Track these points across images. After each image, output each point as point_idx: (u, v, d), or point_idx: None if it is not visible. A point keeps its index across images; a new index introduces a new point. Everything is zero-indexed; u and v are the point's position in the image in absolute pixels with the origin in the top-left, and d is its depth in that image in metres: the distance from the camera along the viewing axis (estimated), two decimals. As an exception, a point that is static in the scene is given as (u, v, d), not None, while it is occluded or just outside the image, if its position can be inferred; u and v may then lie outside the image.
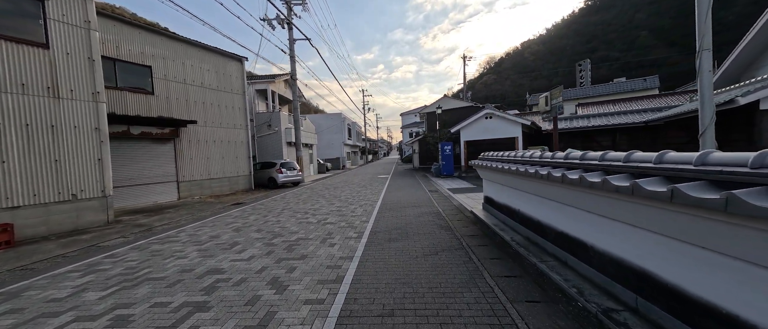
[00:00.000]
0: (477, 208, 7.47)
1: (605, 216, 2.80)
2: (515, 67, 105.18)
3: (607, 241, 2.86)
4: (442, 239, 5.34)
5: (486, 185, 7.06)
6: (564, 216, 3.66)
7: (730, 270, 1.74)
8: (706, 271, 1.90)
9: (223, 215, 8.85)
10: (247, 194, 13.79)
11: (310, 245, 5.27)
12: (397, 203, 9.45)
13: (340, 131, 38.42)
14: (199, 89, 13.47)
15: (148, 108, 11.53)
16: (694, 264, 1.98)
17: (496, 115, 16.85)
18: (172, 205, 11.17)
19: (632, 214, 2.43)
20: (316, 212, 8.41)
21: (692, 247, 1.97)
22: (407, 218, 7.09)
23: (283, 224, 7.02)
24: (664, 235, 2.18)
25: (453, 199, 9.67)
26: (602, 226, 2.88)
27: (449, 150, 17.17)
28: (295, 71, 18.51)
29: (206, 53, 13.83)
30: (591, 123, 16.81)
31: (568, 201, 3.48)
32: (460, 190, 11.71)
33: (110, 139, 9.16)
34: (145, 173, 11.46)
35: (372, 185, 15.06)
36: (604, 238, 2.89)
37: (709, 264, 1.87)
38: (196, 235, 6.47)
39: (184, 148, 12.72)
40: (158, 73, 11.93)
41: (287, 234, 6.10)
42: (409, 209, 8.23)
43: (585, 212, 3.14)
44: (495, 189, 6.36)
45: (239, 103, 15.45)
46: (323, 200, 10.82)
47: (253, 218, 8.11)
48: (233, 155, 15.03)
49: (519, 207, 5.15)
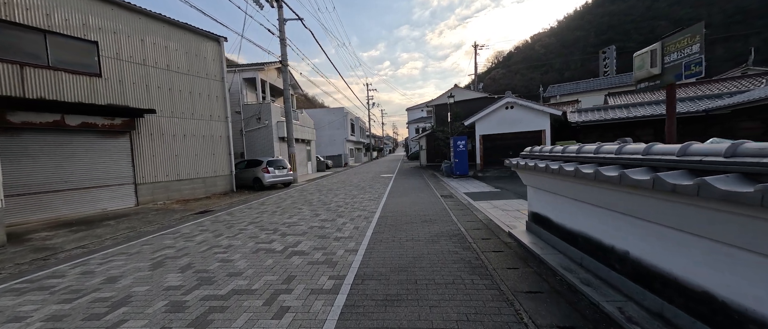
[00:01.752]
0: (518, 228, 5.06)
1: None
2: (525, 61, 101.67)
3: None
4: (478, 301, 2.97)
5: (534, 195, 4.65)
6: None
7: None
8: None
9: (168, 232, 6.60)
10: (223, 199, 11.57)
11: (241, 314, 2.95)
12: (402, 216, 7.09)
13: (343, 126, 36.10)
14: (164, 73, 11.23)
15: (94, 94, 9.32)
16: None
17: (519, 104, 14.32)
18: (123, 214, 8.99)
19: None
20: (288, 231, 6.10)
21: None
22: (416, 247, 4.73)
23: (229, 255, 4.72)
24: None
25: (476, 209, 7.27)
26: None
27: (463, 146, 14.71)
28: (286, 56, 16.19)
29: (173, 29, 11.57)
30: (631, 114, 14.20)
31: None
32: (480, 195, 9.29)
33: (33, 131, 7.07)
34: (89, 174, 9.28)
35: (373, 188, 12.72)
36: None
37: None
38: (90, 274, 4.21)
39: (144, 143, 10.52)
40: (108, 51, 9.70)
41: (220, 280, 3.79)
42: (418, 228, 5.86)
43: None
44: (555, 204, 3.95)
45: (217, 90, 13.20)
46: (308, 209, 8.51)
47: (200, 238, 5.83)
48: (209, 151, 12.82)
49: (626, 247, 2.74)
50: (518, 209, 7.02)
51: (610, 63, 28.51)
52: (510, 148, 15.79)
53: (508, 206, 7.49)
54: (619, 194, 2.66)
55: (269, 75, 19.74)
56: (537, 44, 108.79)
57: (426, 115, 48.72)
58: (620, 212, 2.78)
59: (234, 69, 18.04)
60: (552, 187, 3.95)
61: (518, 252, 4.21)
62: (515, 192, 9.58)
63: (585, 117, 14.92)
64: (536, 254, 3.94)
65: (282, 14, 15.75)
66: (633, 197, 2.50)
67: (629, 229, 2.70)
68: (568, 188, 3.51)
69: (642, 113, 13.90)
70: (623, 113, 14.45)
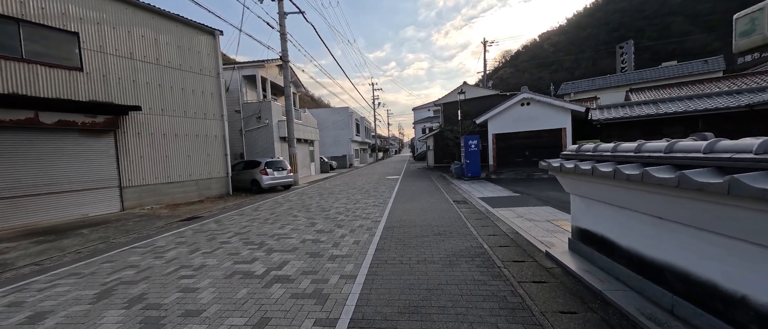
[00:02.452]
0: (557, 247, 4.03)
1: None
2: (534, 59, 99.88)
3: None
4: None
5: (583, 207, 3.62)
6: None
7: None
8: None
9: (141, 245, 5.73)
10: (216, 203, 10.73)
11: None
12: (410, 226, 6.10)
13: (348, 126, 35.23)
14: (154, 67, 10.44)
15: (74, 89, 8.55)
16: None
17: (537, 100, 13.20)
18: (103, 220, 8.18)
19: None
20: (276, 246, 5.16)
21: None
22: (430, 272, 3.74)
23: (197, 281, 3.79)
24: None
25: (496, 219, 6.24)
26: None
27: (475, 146, 13.64)
28: (286, 52, 15.35)
29: (163, 21, 10.77)
30: (661, 110, 12.96)
31: None
32: (498, 201, 8.25)
33: (2, 129, 6.40)
34: (69, 177, 8.50)
35: (377, 191, 11.75)
36: None
37: None
38: (17, 307, 3.32)
39: (130, 143, 9.73)
40: (90, 44, 8.93)
41: (171, 322, 2.85)
42: (431, 243, 4.86)
43: None
44: (620, 222, 2.92)
45: (212, 87, 12.39)
46: (304, 216, 7.58)
47: (172, 254, 4.93)
48: (204, 152, 12.00)
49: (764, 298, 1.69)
50: (548, 219, 5.97)
51: (628, 58, 27.05)
52: (525, 148, 14.68)
53: (534, 214, 6.44)
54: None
55: (270, 72, 18.94)
56: (546, 43, 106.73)
57: (433, 115, 47.60)
58: (759, 245, 1.76)
59: (233, 66, 17.28)
60: (617, 198, 2.92)
61: (568, 284, 3.18)
62: (538, 197, 8.51)
63: (608, 114, 13.72)
64: (595, 289, 2.92)
65: (282, 7, 14.92)
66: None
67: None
68: (650, 202, 2.49)
69: (674, 109, 12.66)
70: (652, 110, 13.22)
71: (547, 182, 12.02)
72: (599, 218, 3.35)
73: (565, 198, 8.28)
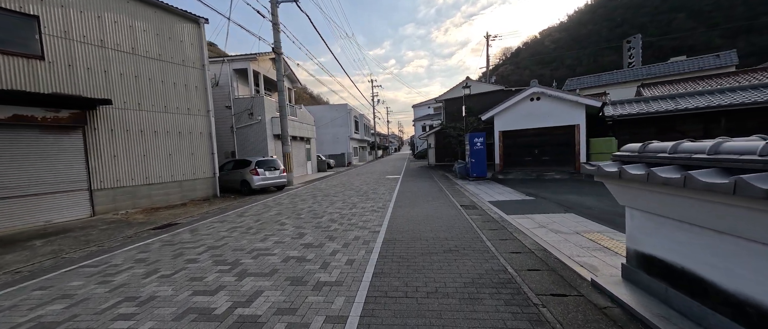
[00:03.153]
0: (605, 273, 3.09)
1: None
2: (534, 56, 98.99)
3: None
4: None
5: (649, 226, 2.71)
6: None
7: None
8: None
9: (92, 262, 4.80)
10: (200, 206, 9.79)
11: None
12: (415, 239, 5.18)
13: (346, 123, 34.23)
14: (129, 57, 9.45)
15: (33, 80, 7.58)
16: None
17: (548, 94, 12.27)
18: (67, 228, 7.24)
19: None
20: (252, 266, 4.24)
21: None
22: (445, 313, 2.84)
23: (136, 323, 2.87)
24: None
25: (515, 230, 5.33)
26: None
27: (481, 144, 12.72)
28: (279, 43, 14.36)
29: (140, 6, 9.76)
30: (680, 105, 12.06)
31: None
32: (512, 206, 7.34)
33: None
34: (29, 179, 7.53)
35: (376, 193, 10.83)
36: None
37: None
38: None
39: (102, 141, 8.77)
40: (53, 29, 7.94)
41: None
42: (442, 265, 3.95)
43: None
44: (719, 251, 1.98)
45: (196, 80, 11.41)
46: (292, 224, 6.65)
47: (122, 278, 4.00)
48: (188, 151, 11.04)
49: None
50: (577, 231, 5.07)
51: (635, 53, 26.12)
52: (534, 146, 13.77)
53: (558, 225, 5.54)
54: None
55: (263, 66, 17.93)
56: (546, 40, 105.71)
57: (433, 112, 46.59)
58: None
59: (223, 59, 16.27)
60: (723, 223, 2.00)
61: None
62: (556, 202, 7.60)
63: (622, 110, 12.82)
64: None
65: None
66: None
67: None
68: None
69: (694, 104, 11.75)
70: (670, 105, 12.31)
71: (560, 184, 11.12)
72: (680, 246, 2.43)
73: (589, 203, 7.38)
